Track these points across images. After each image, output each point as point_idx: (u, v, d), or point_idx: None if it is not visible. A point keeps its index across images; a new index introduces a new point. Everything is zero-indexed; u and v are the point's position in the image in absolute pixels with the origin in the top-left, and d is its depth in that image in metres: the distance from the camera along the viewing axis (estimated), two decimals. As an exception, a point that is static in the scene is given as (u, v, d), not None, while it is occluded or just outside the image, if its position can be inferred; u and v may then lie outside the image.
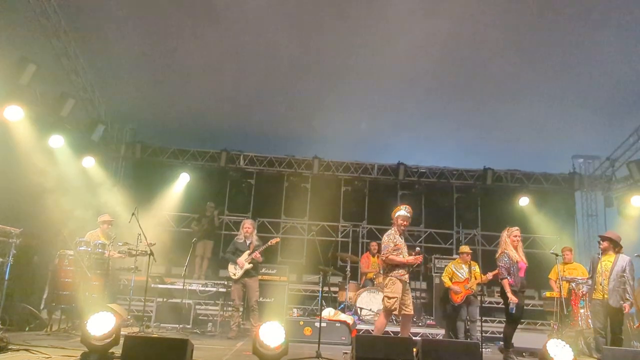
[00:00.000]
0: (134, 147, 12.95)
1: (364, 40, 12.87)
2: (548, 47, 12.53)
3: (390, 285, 6.58)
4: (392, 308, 6.49)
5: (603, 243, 7.10)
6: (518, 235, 7.15)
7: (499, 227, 12.72)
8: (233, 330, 8.26)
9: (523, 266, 7.04)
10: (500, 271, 7.05)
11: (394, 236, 6.77)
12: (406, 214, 6.81)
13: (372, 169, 13.54)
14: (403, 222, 6.80)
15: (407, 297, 6.66)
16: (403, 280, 6.61)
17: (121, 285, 9.71)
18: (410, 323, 6.92)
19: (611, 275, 6.77)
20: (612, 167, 12.88)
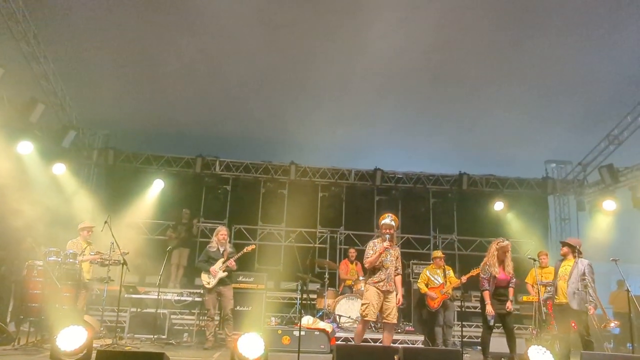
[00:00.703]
0: (106, 153, 12.61)
1: (340, 47, 12.89)
2: (521, 54, 12.75)
3: (365, 292, 6.68)
4: (364, 314, 6.57)
5: (563, 248, 7.38)
6: (505, 247, 7.24)
7: (475, 232, 13.12)
8: (209, 340, 8.09)
9: (503, 277, 7.13)
10: (482, 282, 7.21)
11: (374, 244, 6.80)
12: (389, 223, 6.81)
13: (349, 174, 13.51)
14: (386, 230, 6.79)
15: (389, 305, 6.62)
16: (378, 287, 6.60)
17: (94, 295, 9.42)
18: (392, 332, 6.90)
19: (570, 279, 6.94)
20: (584, 171, 13.15)
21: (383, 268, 6.68)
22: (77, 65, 11.57)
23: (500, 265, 7.25)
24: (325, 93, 13.79)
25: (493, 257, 7.24)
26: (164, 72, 12.76)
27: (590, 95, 12.75)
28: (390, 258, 6.77)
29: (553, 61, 12.55)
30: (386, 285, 6.63)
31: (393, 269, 6.77)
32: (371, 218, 13.25)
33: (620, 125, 11.80)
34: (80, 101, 11.87)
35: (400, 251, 7.11)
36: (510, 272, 7.28)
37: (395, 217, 6.92)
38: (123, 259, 7.89)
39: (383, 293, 6.62)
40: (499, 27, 12.29)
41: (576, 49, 12.47)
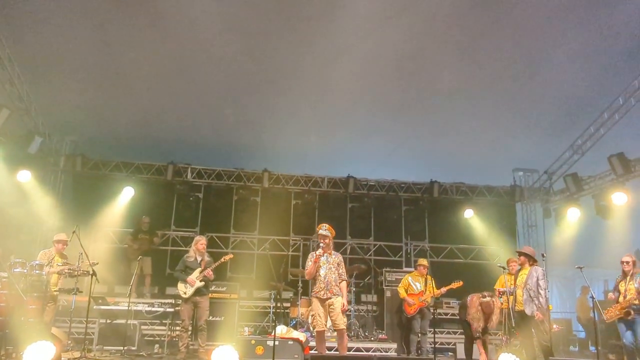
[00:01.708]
0: (74, 160, 12.28)
1: (312, 53, 12.90)
2: (490, 63, 13.05)
3: (311, 304, 6.99)
4: (313, 326, 6.82)
5: (520, 258, 7.63)
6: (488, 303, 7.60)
7: (446, 239, 13.34)
8: (181, 352, 7.96)
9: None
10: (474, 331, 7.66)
11: (311, 255, 7.00)
12: (324, 233, 6.99)
13: (322, 182, 13.54)
14: (320, 240, 7.00)
15: (333, 312, 6.74)
16: (319, 296, 6.78)
17: (60, 306, 9.16)
18: (344, 337, 6.92)
19: (525, 287, 7.18)
20: (550, 180, 13.52)
21: (320, 277, 6.84)
22: (44, 69, 11.25)
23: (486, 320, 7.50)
24: (298, 100, 13.78)
25: (478, 312, 7.53)
26: (135, 77, 12.51)
27: (556, 105, 13.12)
28: (329, 266, 6.90)
29: (521, 72, 12.88)
30: (326, 293, 6.77)
31: (333, 277, 6.86)
32: (344, 225, 13.34)
33: (583, 135, 12.19)
34: (47, 106, 11.51)
35: (342, 257, 7.19)
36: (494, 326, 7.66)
37: (330, 227, 7.11)
38: (92, 270, 7.71)
39: (326, 302, 6.76)
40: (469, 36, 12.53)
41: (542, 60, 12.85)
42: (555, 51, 12.50)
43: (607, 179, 11.42)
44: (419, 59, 12.97)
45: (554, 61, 12.60)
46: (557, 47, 12.41)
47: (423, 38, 12.35)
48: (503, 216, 13.98)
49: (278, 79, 13.43)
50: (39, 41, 10.91)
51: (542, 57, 12.73)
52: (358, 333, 9.80)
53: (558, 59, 12.49)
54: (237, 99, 13.71)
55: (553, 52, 12.55)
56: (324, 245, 6.93)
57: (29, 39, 10.77)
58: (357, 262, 12.09)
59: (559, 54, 12.49)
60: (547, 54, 12.65)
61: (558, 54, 12.49)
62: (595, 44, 12.14)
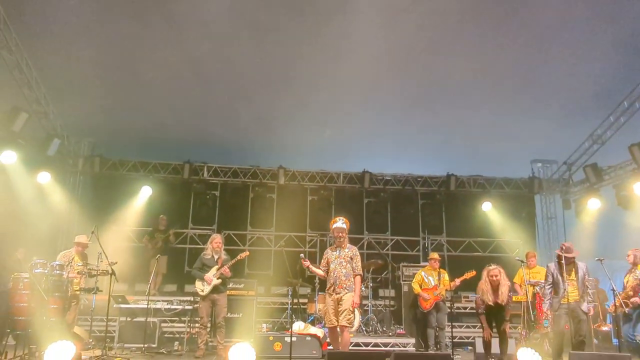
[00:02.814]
0: (92, 161, 12.48)
1: (326, 49, 12.87)
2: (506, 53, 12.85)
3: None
4: (325, 322, 6.74)
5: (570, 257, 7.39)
6: (496, 275, 7.37)
7: (464, 233, 13.22)
8: (200, 348, 8.03)
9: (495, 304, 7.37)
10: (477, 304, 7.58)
11: (326, 253, 6.91)
12: (341, 226, 6.73)
13: (338, 177, 13.52)
14: (338, 234, 6.72)
15: (341, 308, 6.53)
16: (329, 292, 6.66)
17: (82, 305, 9.31)
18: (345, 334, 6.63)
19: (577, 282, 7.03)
20: (569, 170, 13.30)
21: (331, 274, 6.68)
22: (61, 72, 11.41)
23: (495, 293, 7.36)
24: (312, 96, 13.76)
25: (486, 284, 7.40)
26: (150, 78, 12.63)
27: (574, 95, 12.88)
28: (339, 260, 6.68)
29: (538, 61, 12.66)
30: (336, 289, 6.60)
31: (343, 272, 6.62)
32: (361, 221, 13.31)
33: (603, 125, 11.96)
34: (65, 109, 11.71)
35: (356, 250, 6.86)
36: (504, 300, 7.36)
37: (346, 219, 6.85)
38: (111, 269, 7.81)
39: (336, 298, 6.59)
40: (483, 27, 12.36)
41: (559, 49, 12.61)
42: (573, 40, 12.27)
43: (628, 169, 11.20)
44: (433, 51, 12.83)
45: (571, 50, 12.36)
46: (575, 36, 12.18)
47: (437, 30, 12.22)
48: (521, 208, 13.81)
49: (291, 75, 13.42)
50: (55, 45, 11.07)
51: (559, 46, 12.49)
52: (376, 328, 9.79)
53: (576, 48, 12.25)
54: (251, 97, 13.74)
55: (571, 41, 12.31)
56: (342, 238, 6.70)
57: (45, 43, 10.92)
58: (374, 257, 12.05)
59: (577, 43, 12.25)
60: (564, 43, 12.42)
61: (576, 43, 12.25)
62: (614, 32, 11.88)
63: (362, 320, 9.63)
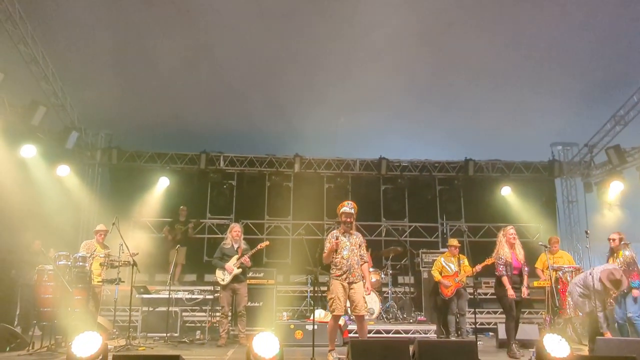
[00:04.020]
0: (110, 153, 12.57)
1: (340, 34, 12.70)
2: (524, 35, 12.57)
3: (329, 285, 6.51)
4: (332, 309, 6.39)
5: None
6: (513, 234, 7.36)
7: (483, 218, 13.06)
8: (222, 337, 8.10)
9: (517, 265, 7.17)
10: (498, 269, 7.27)
11: (332, 236, 6.61)
12: (349, 211, 6.58)
13: (354, 164, 13.43)
14: (346, 219, 6.56)
15: (355, 297, 6.42)
16: (341, 280, 6.42)
17: (104, 296, 9.44)
18: (364, 323, 6.70)
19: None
20: (591, 153, 13.01)
21: (343, 260, 6.47)
22: (77, 65, 11.47)
23: (513, 251, 7.29)
24: (326, 82, 13.63)
25: (502, 245, 7.31)
26: (165, 68, 12.63)
27: (595, 75, 12.57)
28: (351, 247, 6.55)
29: (557, 42, 12.37)
30: (349, 277, 6.43)
31: (356, 259, 6.53)
32: (378, 208, 13.25)
33: (626, 106, 11.67)
34: (82, 101, 11.79)
35: (363, 238, 6.84)
36: (522, 260, 7.32)
37: (354, 203, 6.69)
38: (133, 260, 7.89)
39: (348, 285, 6.44)
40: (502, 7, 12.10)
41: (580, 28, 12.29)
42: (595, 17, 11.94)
43: (652, 150, 10.92)
44: (449, 34, 12.61)
45: (593, 28, 12.04)
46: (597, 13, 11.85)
47: (453, 12, 11.99)
48: (542, 192, 13.61)
49: (304, 62, 13.31)
50: (70, 38, 11.11)
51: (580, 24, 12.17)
52: (396, 315, 9.76)
53: (598, 25, 11.93)
54: (265, 85, 13.67)
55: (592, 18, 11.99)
56: (349, 224, 6.56)
57: (61, 36, 10.97)
58: (393, 244, 11.99)
59: (599, 20, 11.92)
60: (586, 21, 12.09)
61: (597, 20, 11.92)
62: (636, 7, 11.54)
63: (383, 307, 9.60)
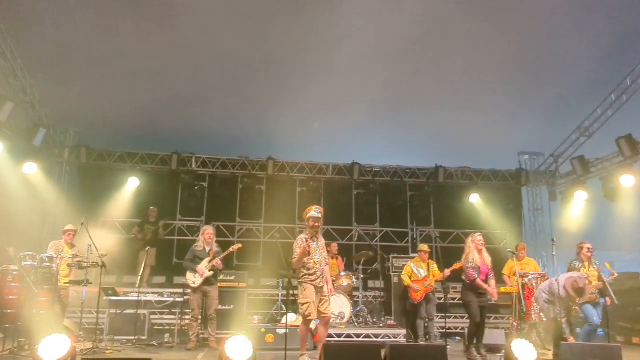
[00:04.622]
0: (78, 151, 12.29)
1: (315, 39, 12.78)
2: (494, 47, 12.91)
3: (302, 290, 6.47)
4: (307, 314, 6.36)
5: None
6: (481, 240, 7.55)
7: (452, 224, 13.29)
8: (192, 341, 8.02)
9: (484, 270, 7.33)
10: (469, 274, 7.38)
11: (302, 241, 6.52)
12: (317, 215, 6.54)
13: (327, 169, 13.50)
14: (314, 223, 6.54)
15: (324, 299, 6.51)
16: (315, 284, 6.45)
17: (71, 298, 9.21)
18: (328, 325, 6.78)
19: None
20: (556, 163, 13.44)
21: (315, 264, 6.49)
22: (47, 61, 11.20)
23: (480, 258, 7.46)
24: (301, 87, 13.69)
25: (471, 250, 7.48)
26: (136, 67, 12.45)
27: (562, 88, 13.01)
28: (320, 251, 6.59)
29: (526, 55, 12.76)
30: (321, 281, 6.50)
31: (324, 263, 6.62)
32: (350, 212, 13.35)
33: (590, 118, 12.09)
34: (51, 98, 11.47)
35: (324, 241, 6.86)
36: (489, 265, 7.50)
37: (321, 208, 6.70)
38: (102, 262, 7.74)
39: (320, 289, 6.50)
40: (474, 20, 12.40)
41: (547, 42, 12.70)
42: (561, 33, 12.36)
43: (615, 161, 11.33)
44: (423, 44, 12.85)
45: (559, 43, 12.47)
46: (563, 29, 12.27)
47: (427, 22, 12.22)
48: (509, 200, 13.96)
49: (279, 65, 13.33)
50: (40, 33, 10.84)
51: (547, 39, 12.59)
52: (367, 319, 9.85)
53: (564, 41, 12.36)
54: (239, 86, 13.62)
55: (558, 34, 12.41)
56: (317, 228, 6.54)
57: (30, 30, 10.69)
58: (364, 248, 12.10)
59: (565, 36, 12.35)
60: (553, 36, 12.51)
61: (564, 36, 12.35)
62: (602, 26, 12.01)
63: (353, 311, 9.67)
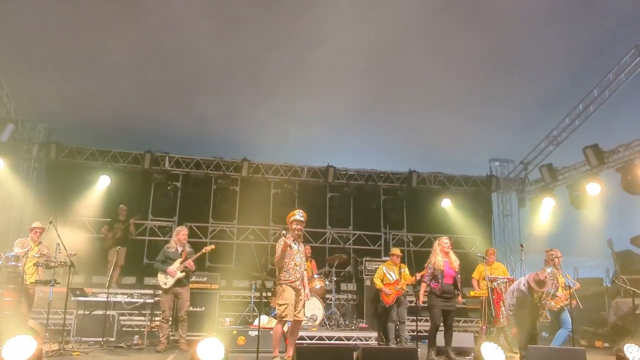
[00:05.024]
0: (48, 148, 11.95)
1: (291, 42, 12.86)
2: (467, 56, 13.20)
3: (280, 292, 6.56)
4: (283, 315, 6.46)
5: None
6: (448, 244, 7.69)
7: (424, 228, 13.44)
8: (162, 342, 7.91)
9: (450, 273, 7.43)
10: (425, 275, 7.59)
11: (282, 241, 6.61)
12: (300, 219, 6.73)
13: (302, 171, 13.49)
14: (297, 226, 6.70)
15: (300, 302, 6.64)
16: (295, 286, 6.56)
17: (36, 297, 8.97)
18: (299, 328, 6.93)
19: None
20: (525, 170, 13.74)
21: (296, 267, 6.62)
22: (16, 54, 10.93)
23: (446, 261, 7.58)
24: (277, 89, 13.72)
25: (436, 253, 7.62)
26: (110, 64, 12.26)
27: (531, 97, 13.39)
28: (301, 255, 6.75)
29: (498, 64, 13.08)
30: (300, 283, 6.64)
31: (303, 267, 6.77)
32: (324, 215, 13.37)
33: (558, 127, 12.41)
34: (20, 93, 11.15)
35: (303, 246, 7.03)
36: (456, 268, 7.62)
37: (304, 213, 6.85)
38: (70, 261, 7.56)
39: (298, 291, 6.62)
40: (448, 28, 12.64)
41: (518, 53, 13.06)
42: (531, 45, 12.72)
43: (582, 170, 11.67)
44: (396, 51, 13.06)
45: (530, 55, 12.83)
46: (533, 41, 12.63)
47: (401, 29, 12.41)
48: (479, 205, 14.22)
49: (257, 67, 13.34)
50: (10, 26, 10.57)
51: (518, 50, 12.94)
52: (339, 322, 9.89)
53: (534, 54, 12.72)
54: (215, 87, 13.59)
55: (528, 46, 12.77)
56: (299, 231, 6.69)
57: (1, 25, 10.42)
58: (337, 251, 12.16)
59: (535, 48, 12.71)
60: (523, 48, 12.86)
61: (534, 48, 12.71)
62: (570, 39, 12.40)
63: (325, 314, 9.70)
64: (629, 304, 9.00)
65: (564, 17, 12.25)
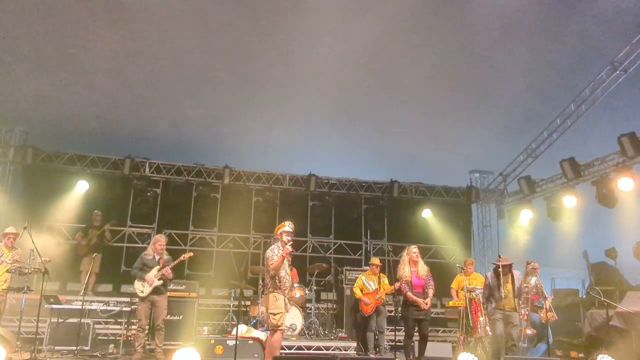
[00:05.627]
0: (24, 152, 11.70)
1: (277, 50, 12.86)
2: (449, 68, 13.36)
3: (273, 301, 6.58)
4: (279, 324, 6.52)
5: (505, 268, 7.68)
6: (416, 252, 7.83)
7: (405, 238, 13.46)
8: (138, 352, 7.77)
9: (418, 283, 7.50)
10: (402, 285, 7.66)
11: (278, 249, 6.73)
12: (290, 230, 6.85)
13: (284, 179, 13.45)
14: (287, 237, 6.79)
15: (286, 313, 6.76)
16: (285, 295, 6.66)
17: (8, 305, 8.75)
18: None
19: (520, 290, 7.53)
20: (504, 182, 13.95)
21: (287, 276, 6.74)
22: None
23: (413, 270, 7.62)
24: (260, 96, 13.70)
25: (405, 264, 7.66)
26: (91, 67, 12.10)
27: (512, 111, 13.59)
28: (287, 264, 6.87)
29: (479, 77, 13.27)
30: (288, 292, 6.76)
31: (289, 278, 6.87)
32: (305, 223, 13.33)
33: (537, 140, 12.62)
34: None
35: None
36: (424, 276, 7.66)
37: (293, 224, 6.95)
38: (44, 268, 7.40)
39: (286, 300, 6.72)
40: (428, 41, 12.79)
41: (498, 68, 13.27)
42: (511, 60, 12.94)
43: (558, 182, 11.90)
44: (378, 62, 13.15)
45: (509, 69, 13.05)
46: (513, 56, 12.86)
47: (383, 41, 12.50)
48: (459, 216, 14.35)
49: (240, 74, 13.29)
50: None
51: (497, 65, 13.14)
52: (318, 331, 9.84)
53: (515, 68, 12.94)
54: (197, 94, 13.49)
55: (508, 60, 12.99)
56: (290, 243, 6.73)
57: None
58: (318, 260, 12.12)
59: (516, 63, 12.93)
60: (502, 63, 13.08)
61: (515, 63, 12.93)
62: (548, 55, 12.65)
63: (305, 323, 9.65)
64: (603, 315, 9.12)
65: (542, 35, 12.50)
